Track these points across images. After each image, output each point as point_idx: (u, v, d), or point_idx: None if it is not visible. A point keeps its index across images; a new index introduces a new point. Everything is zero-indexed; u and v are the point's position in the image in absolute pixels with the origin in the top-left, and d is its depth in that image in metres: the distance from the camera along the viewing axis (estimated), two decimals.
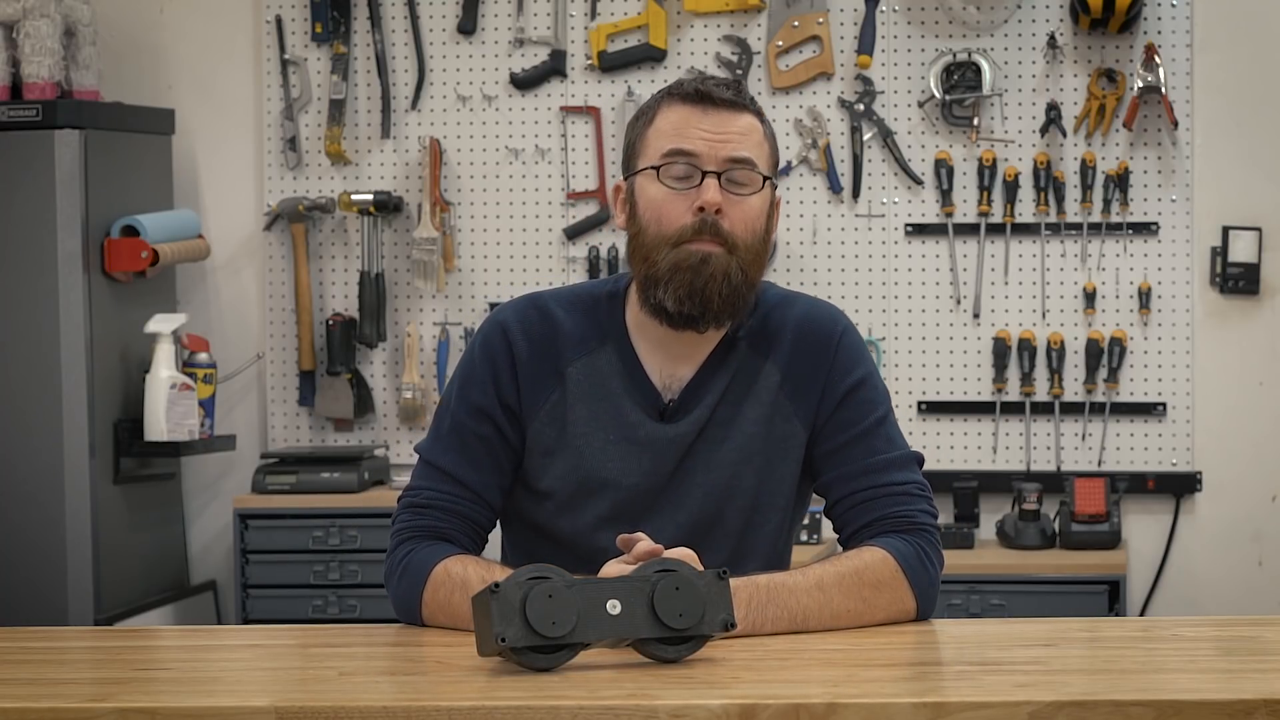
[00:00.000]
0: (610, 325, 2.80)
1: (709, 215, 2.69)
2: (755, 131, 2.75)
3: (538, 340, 2.79)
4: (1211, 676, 2.36)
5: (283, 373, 5.56)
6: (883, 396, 2.81)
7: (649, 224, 2.73)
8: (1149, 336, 5.29)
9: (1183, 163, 5.26)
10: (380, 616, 5.05)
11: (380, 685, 2.34)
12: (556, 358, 2.78)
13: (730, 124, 2.72)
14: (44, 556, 4.99)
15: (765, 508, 2.79)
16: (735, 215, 2.71)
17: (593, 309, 2.82)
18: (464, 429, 2.78)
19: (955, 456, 5.33)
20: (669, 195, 2.72)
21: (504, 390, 2.78)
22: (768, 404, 2.77)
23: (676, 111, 2.74)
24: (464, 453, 2.77)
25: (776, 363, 2.78)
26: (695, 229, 2.70)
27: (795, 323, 2.80)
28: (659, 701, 2.13)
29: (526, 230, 5.48)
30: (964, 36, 5.32)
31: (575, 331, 2.79)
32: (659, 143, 2.73)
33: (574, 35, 5.45)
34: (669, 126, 2.73)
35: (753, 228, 2.73)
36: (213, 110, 5.58)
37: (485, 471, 2.77)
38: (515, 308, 2.83)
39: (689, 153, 2.71)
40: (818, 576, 2.63)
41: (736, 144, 2.72)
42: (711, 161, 2.71)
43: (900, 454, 2.77)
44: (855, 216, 5.37)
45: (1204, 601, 5.24)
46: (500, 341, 2.79)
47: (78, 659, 2.65)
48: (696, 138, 2.71)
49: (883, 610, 2.66)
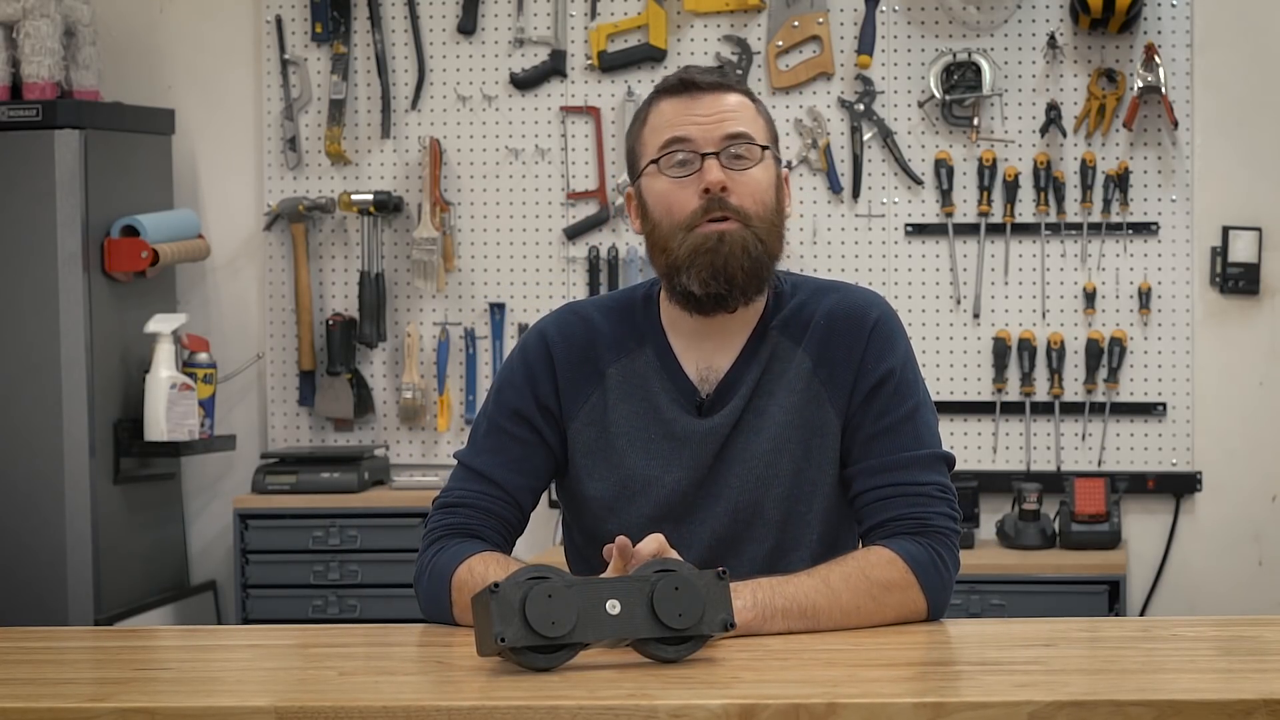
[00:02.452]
0: (647, 326, 2.83)
1: (715, 194, 2.72)
2: (746, 108, 2.78)
3: (577, 344, 2.82)
4: (1211, 676, 2.36)
5: (283, 373, 5.56)
6: (915, 389, 2.79)
7: (661, 217, 2.76)
8: (1149, 336, 5.29)
9: (1183, 163, 5.26)
10: (380, 616, 5.08)
11: (380, 685, 2.34)
12: (596, 360, 2.81)
13: (719, 104, 2.76)
14: (44, 556, 4.99)
15: (805, 497, 2.78)
16: (742, 189, 2.74)
17: (629, 312, 2.85)
18: (500, 432, 2.81)
19: (955, 456, 5.32)
20: (674, 185, 2.75)
21: (542, 392, 2.81)
22: (800, 391, 2.77)
23: (665, 105, 2.78)
24: (498, 454, 2.80)
25: (808, 350, 2.78)
26: (704, 209, 2.73)
27: (828, 309, 2.80)
28: (659, 701, 2.13)
29: (526, 230, 5.48)
30: (964, 36, 5.32)
31: (613, 334, 2.83)
32: (655, 138, 2.77)
33: (574, 35, 5.45)
34: (661, 121, 2.77)
35: (762, 199, 2.75)
36: (213, 110, 5.58)
37: (519, 474, 2.79)
38: (554, 316, 2.88)
39: (684, 139, 2.74)
40: (823, 575, 2.63)
41: (729, 121, 2.75)
42: (708, 143, 2.74)
43: (927, 453, 2.76)
44: (855, 216, 5.37)
45: (1204, 601, 5.24)
46: (539, 346, 2.83)
47: (78, 659, 2.65)
48: (689, 123, 2.74)
49: (893, 610, 2.65)
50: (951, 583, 2.71)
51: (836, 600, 2.61)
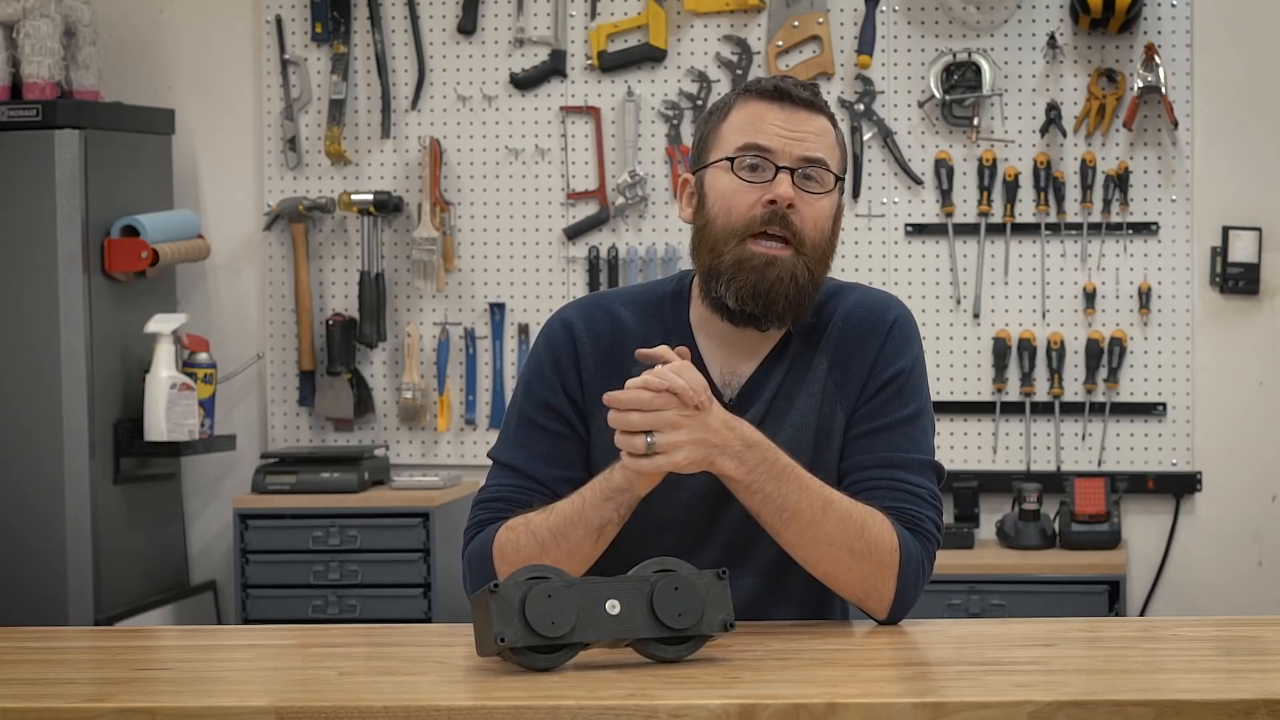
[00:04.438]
0: (674, 323, 2.81)
1: (780, 208, 2.70)
2: (829, 134, 2.76)
3: (603, 338, 2.79)
4: (1211, 676, 2.36)
5: (283, 373, 5.56)
6: (920, 394, 2.77)
7: (717, 215, 2.73)
8: (1149, 336, 5.29)
9: (1183, 163, 5.26)
10: (380, 616, 5.08)
11: (380, 685, 2.33)
12: (622, 355, 2.77)
13: (806, 124, 2.73)
14: (44, 556, 4.99)
15: None
16: (806, 213, 2.72)
17: (657, 308, 2.82)
18: (531, 425, 2.78)
19: (955, 456, 5.33)
20: (741, 186, 2.72)
21: (568, 383, 2.78)
22: (817, 394, 2.76)
23: (753, 107, 2.74)
24: (531, 448, 2.77)
25: (825, 352, 2.77)
26: (764, 220, 2.70)
27: (846, 310, 2.79)
28: (659, 701, 2.13)
29: (526, 230, 5.48)
30: (964, 36, 5.32)
31: (640, 330, 2.80)
32: (734, 136, 2.74)
33: (574, 35, 5.45)
34: (745, 121, 2.74)
35: (822, 227, 2.74)
36: (213, 110, 5.58)
37: (553, 464, 2.76)
38: (579, 306, 2.84)
39: (764, 148, 2.71)
40: (833, 497, 2.61)
41: (812, 143, 2.73)
42: (786, 158, 2.71)
43: (921, 458, 2.74)
44: (855, 216, 5.37)
45: (1204, 601, 5.24)
46: (564, 337, 2.80)
47: (78, 659, 2.65)
48: (773, 133, 2.72)
49: (859, 576, 2.62)
50: (920, 592, 2.68)
51: (821, 524, 2.60)
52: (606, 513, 2.62)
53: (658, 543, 2.69)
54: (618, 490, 2.62)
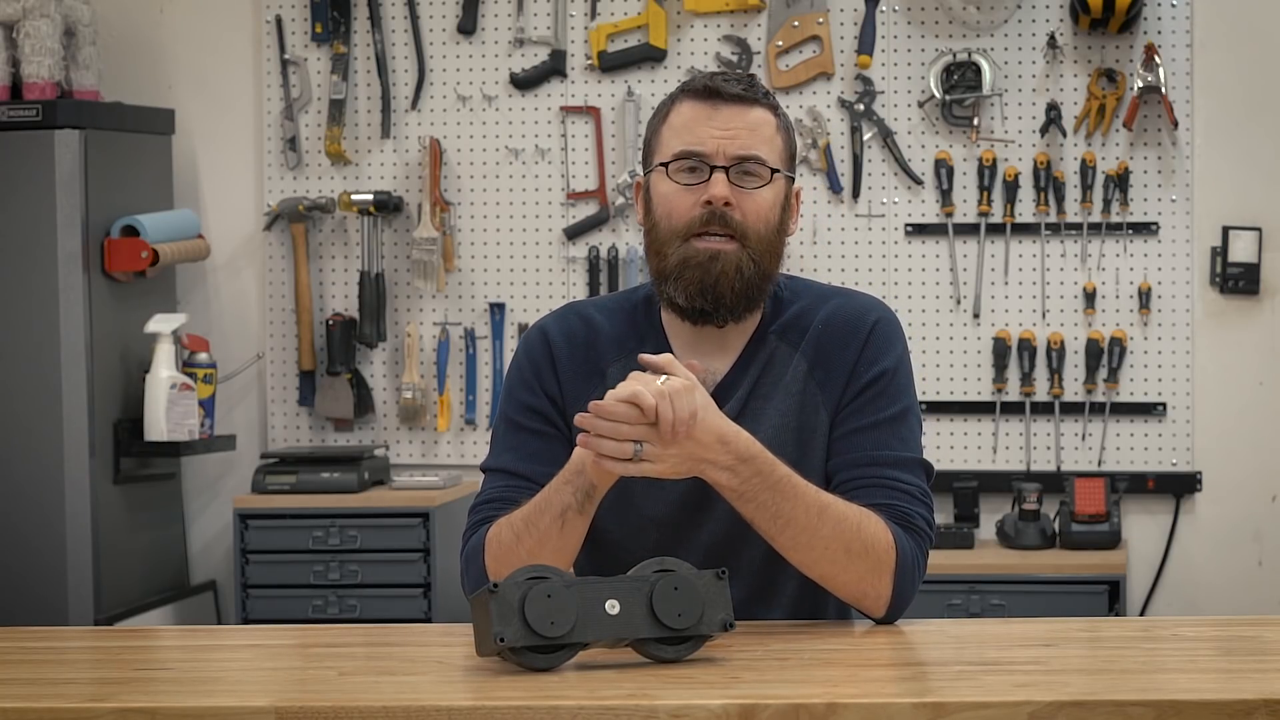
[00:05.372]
0: (647, 328, 2.83)
1: (717, 207, 2.72)
2: (766, 125, 2.76)
3: (578, 342, 2.82)
4: (1211, 676, 2.36)
5: (283, 373, 5.56)
6: (906, 394, 2.77)
7: (661, 218, 2.76)
8: (1149, 336, 5.29)
9: (1183, 163, 5.26)
10: (380, 616, 5.08)
11: (380, 685, 2.33)
12: (597, 359, 2.81)
13: (739, 119, 2.75)
14: (44, 556, 4.99)
15: None
16: (747, 207, 2.73)
17: (630, 313, 2.85)
18: (517, 428, 2.81)
19: (955, 456, 5.33)
20: (679, 190, 2.75)
21: (547, 384, 2.81)
22: (796, 394, 2.77)
23: (688, 108, 2.77)
24: (520, 449, 2.79)
25: (805, 354, 2.78)
26: (704, 220, 2.72)
27: (827, 314, 2.80)
28: (659, 701, 2.13)
29: (526, 230, 5.48)
30: (964, 36, 5.32)
31: (614, 334, 2.83)
32: (672, 140, 2.77)
33: (574, 35, 5.45)
34: (680, 123, 2.76)
35: (765, 218, 2.74)
36: (213, 110, 5.58)
37: (543, 462, 2.77)
38: (554, 314, 2.88)
39: (696, 152, 2.74)
40: (828, 501, 2.62)
41: (744, 141, 2.74)
42: (720, 157, 2.73)
43: (910, 456, 2.74)
44: (855, 216, 5.37)
45: (1204, 601, 5.24)
46: (540, 341, 2.84)
47: (78, 659, 2.65)
48: (705, 137, 2.74)
49: (855, 576, 2.62)
50: (915, 591, 2.68)
51: (817, 530, 2.60)
52: (565, 497, 2.63)
53: (644, 540, 2.72)
54: (575, 473, 2.62)
